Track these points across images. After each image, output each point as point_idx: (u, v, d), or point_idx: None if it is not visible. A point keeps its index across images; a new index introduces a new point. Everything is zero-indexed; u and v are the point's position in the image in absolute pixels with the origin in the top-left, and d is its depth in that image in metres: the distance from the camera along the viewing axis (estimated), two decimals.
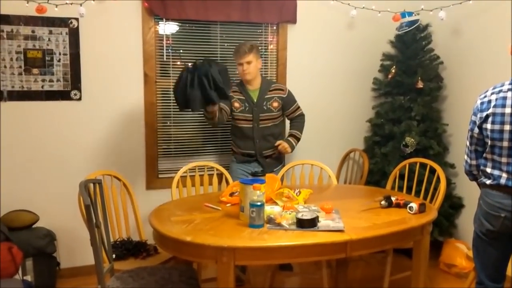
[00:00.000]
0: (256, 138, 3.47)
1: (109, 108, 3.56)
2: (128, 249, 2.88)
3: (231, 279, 2.06)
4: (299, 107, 3.62)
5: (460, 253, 3.67)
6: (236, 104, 3.45)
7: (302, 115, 3.65)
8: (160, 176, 3.77)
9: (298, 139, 3.60)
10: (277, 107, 3.48)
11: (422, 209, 2.51)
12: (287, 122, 3.69)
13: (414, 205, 2.50)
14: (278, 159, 3.62)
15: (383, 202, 2.62)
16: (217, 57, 3.84)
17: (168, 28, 3.69)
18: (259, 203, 2.22)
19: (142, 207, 3.20)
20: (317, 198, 2.82)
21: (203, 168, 3.44)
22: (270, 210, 2.36)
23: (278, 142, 3.51)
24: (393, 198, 2.63)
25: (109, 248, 2.48)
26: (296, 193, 2.74)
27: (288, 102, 3.55)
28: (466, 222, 4.01)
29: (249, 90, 3.46)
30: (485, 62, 3.74)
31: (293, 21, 3.95)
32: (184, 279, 2.44)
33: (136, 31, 3.56)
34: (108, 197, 2.96)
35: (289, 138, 3.57)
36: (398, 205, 2.61)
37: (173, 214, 2.51)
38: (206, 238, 2.11)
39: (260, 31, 3.96)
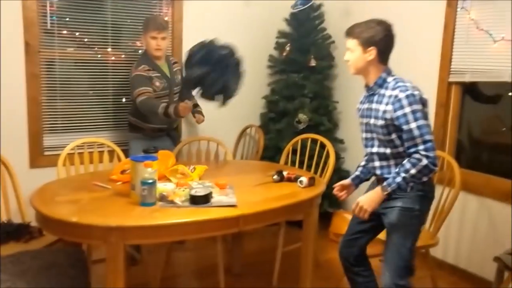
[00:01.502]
0: None
1: None
2: (9, 232, 2.66)
3: (121, 260, 1.99)
4: None
5: (348, 222, 3.90)
6: (157, 83, 3.30)
7: None
8: (45, 153, 3.52)
9: (199, 105, 3.57)
10: (180, 79, 3.47)
11: (311, 182, 2.62)
12: None
13: (304, 179, 2.60)
14: (180, 131, 3.67)
15: (275, 177, 2.69)
16: (108, 28, 3.63)
17: None
18: (150, 181, 2.16)
19: (25, 187, 2.94)
20: (212, 174, 2.81)
21: (93, 145, 3.26)
22: (162, 187, 2.31)
23: (197, 118, 3.48)
24: (284, 173, 2.71)
25: None
26: (191, 170, 2.71)
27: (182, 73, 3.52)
28: (353, 194, 4.27)
29: (160, 65, 3.35)
30: None
31: None
32: (71, 261, 2.32)
33: None
34: None
35: (199, 109, 3.56)
36: (289, 179, 2.69)
37: (58, 194, 2.36)
38: (93, 219, 2.01)
39: (154, 2, 3.81)
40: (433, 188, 2.32)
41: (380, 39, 2.21)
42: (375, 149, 2.30)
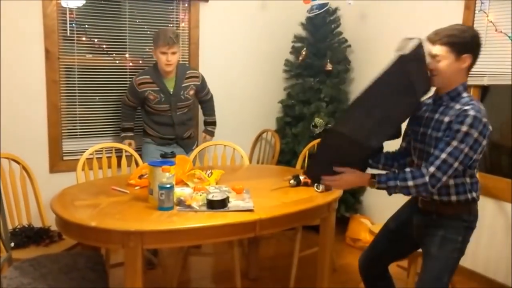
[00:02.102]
0: (176, 124, 3.45)
1: (6, 86, 3.28)
2: (29, 236, 2.70)
3: (139, 264, 2.01)
4: (209, 89, 3.66)
5: (364, 227, 3.88)
6: (151, 97, 3.34)
7: (212, 98, 3.72)
8: (65, 158, 3.57)
9: (215, 124, 3.73)
10: (193, 95, 3.48)
11: (328, 187, 2.61)
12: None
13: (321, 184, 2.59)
14: (194, 138, 3.68)
15: (292, 181, 2.69)
16: (125, 34, 3.68)
17: (72, 1, 3.46)
18: (168, 185, 2.17)
19: (45, 191, 3.02)
20: (229, 178, 2.82)
21: (111, 150, 3.30)
22: (180, 192, 2.33)
23: (202, 136, 3.65)
24: (301, 177, 2.71)
25: (6, 236, 2.31)
26: (208, 174, 2.73)
27: (202, 88, 3.57)
28: (370, 198, 4.25)
29: (164, 79, 3.35)
30: (389, 46, 3.92)
31: None
32: (90, 265, 2.34)
33: (35, 3, 3.29)
34: (6, 181, 2.75)
35: (209, 128, 3.69)
36: (306, 184, 2.69)
37: (77, 198, 2.39)
38: (112, 223, 2.03)
39: (171, 8, 3.84)
40: (477, 218, 2.12)
41: (477, 45, 1.99)
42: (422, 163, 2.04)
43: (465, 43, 1.97)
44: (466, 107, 1.94)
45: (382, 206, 2.51)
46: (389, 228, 2.33)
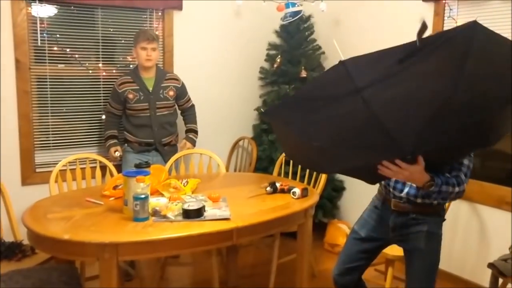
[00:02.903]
0: (154, 126, 3.44)
1: None
2: (0, 251, 2.63)
3: (115, 276, 1.98)
4: (190, 97, 3.69)
5: (342, 232, 3.90)
6: (130, 96, 3.36)
7: (193, 106, 3.75)
8: (37, 170, 3.50)
9: (197, 133, 3.72)
10: (173, 95, 3.49)
11: (305, 193, 2.62)
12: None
13: (297, 190, 2.60)
14: (175, 146, 3.66)
15: (268, 189, 2.69)
16: (98, 43, 3.64)
17: (43, 10, 3.41)
18: (143, 196, 2.15)
19: (17, 204, 2.92)
20: (205, 187, 2.81)
21: (85, 161, 3.25)
22: (155, 202, 2.30)
23: (182, 143, 3.62)
24: (278, 184, 2.71)
25: None
26: (184, 184, 2.71)
27: (182, 92, 3.60)
28: (347, 203, 4.29)
29: (144, 78, 3.40)
30: (361, 52, 3.96)
31: (179, 7, 3.87)
32: (64, 279, 2.29)
33: (4, 12, 3.23)
34: None
35: (190, 136, 3.67)
36: (282, 191, 2.70)
37: (50, 211, 2.34)
38: (86, 235, 2.00)
39: (144, 17, 3.82)
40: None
41: None
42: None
43: None
44: None
45: (359, 211, 2.54)
46: (360, 237, 2.29)
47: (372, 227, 2.28)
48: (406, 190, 2.12)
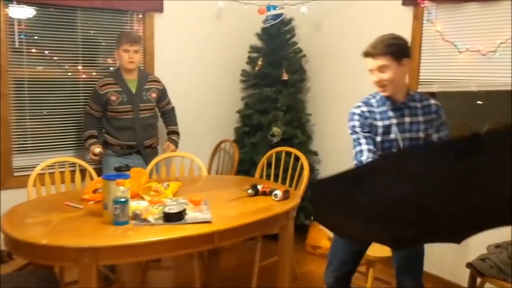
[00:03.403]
0: (137, 128, 3.41)
1: None
2: None
3: (94, 281, 1.95)
4: (170, 100, 3.69)
5: (324, 235, 3.92)
6: (113, 97, 3.33)
7: (174, 108, 3.75)
8: (15, 174, 3.44)
9: (179, 134, 3.71)
10: (155, 97, 3.49)
11: (286, 196, 2.63)
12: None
13: (279, 193, 2.60)
14: (156, 149, 3.64)
15: (250, 191, 2.68)
16: (78, 45, 3.60)
17: (21, 12, 3.36)
18: (123, 199, 2.13)
19: None
20: (187, 190, 2.79)
21: (64, 164, 3.21)
22: (136, 205, 2.28)
23: (165, 145, 3.62)
24: (259, 187, 2.71)
25: None
26: (165, 187, 2.69)
27: (164, 94, 3.60)
28: None
29: (126, 80, 3.37)
30: (342, 55, 4.02)
31: (160, 9, 3.85)
32: (43, 285, 2.26)
33: None
34: None
35: (173, 137, 3.67)
36: (264, 193, 2.69)
37: (28, 216, 2.30)
38: (65, 240, 1.97)
39: (125, 19, 3.79)
40: None
41: (409, 49, 2.18)
42: None
43: (402, 49, 2.14)
44: (432, 101, 2.22)
45: None
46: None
47: None
48: None
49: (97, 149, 3.37)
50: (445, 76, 3.31)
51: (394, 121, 2.20)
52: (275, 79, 4.11)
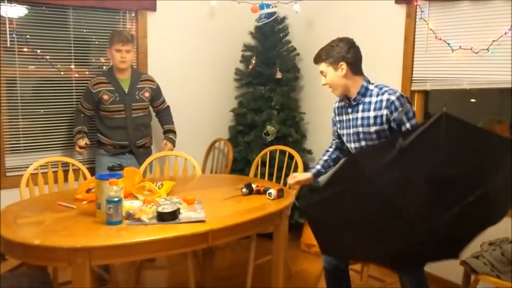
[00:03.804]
0: (129, 128, 3.40)
1: None
2: None
3: (88, 281, 1.94)
4: (165, 99, 3.67)
5: None
6: (105, 97, 3.32)
7: (169, 107, 3.73)
8: (8, 174, 3.42)
9: (175, 133, 3.70)
10: (148, 97, 3.47)
11: (280, 194, 2.62)
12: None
13: (273, 191, 2.60)
14: (149, 148, 3.62)
15: (244, 190, 2.68)
16: (70, 44, 3.58)
17: (12, 10, 3.34)
18: (116, 199, 2.12)
19: None
20: (180, 189, 2.78)
21: (57, 164, 3.19)
22: (129, 205, 2.27)
23: (163, 144, 3.60)
24: (253, 185, 2.71)
25: None
26: (158, 186, 2.68)
27: (158, 93, 3.58)
28: None
29: (119, 79, 3.36)
30: None
31: (153, 8, 3.84)
32: (36, 285, 2.24)
33: None
34: None
35: (170, 136, 3.65)
36: (258, 192, 2.69)
37: (20, 216, 2.28)
38: (57, 240, 1.95)
39: (118, 17, 3.78)
40: None
41: (346, 52, 2.34)
42: None
43: (335, 54, 2.35)
44: (385, 97, 2.28)
45: None
46: None
47: None
48: None
49: (82, 141, 3.31)
50: (438, 74, 3.32)
51: (348, 116, 2.43)
52: (269, 78, 4.11)
